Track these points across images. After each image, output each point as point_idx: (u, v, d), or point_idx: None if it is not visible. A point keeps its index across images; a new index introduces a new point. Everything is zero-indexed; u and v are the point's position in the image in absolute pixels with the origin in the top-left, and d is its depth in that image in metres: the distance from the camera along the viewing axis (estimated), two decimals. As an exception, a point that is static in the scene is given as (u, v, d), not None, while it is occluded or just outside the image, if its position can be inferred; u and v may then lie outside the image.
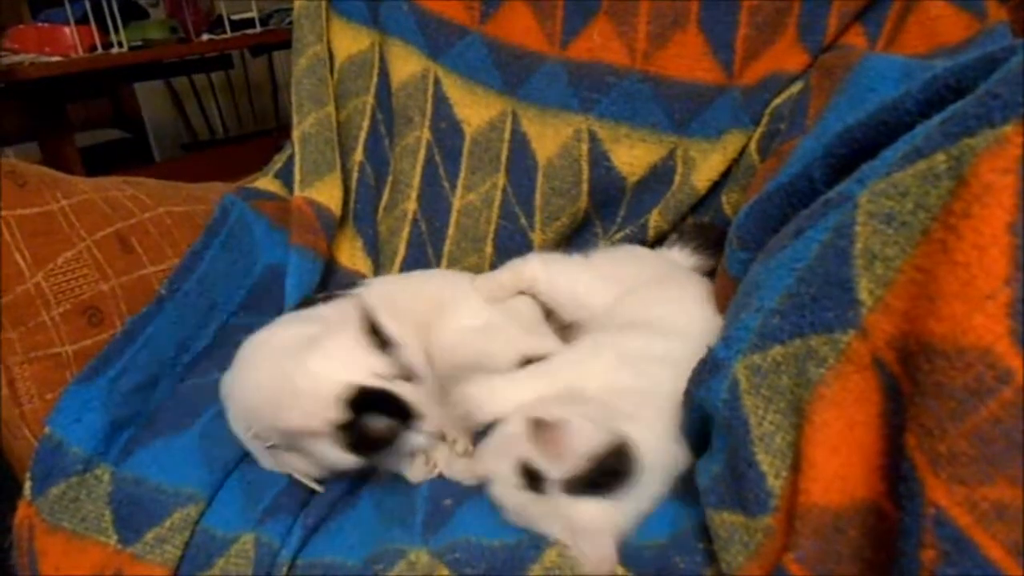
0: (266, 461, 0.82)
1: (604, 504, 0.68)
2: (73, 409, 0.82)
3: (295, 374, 0.74)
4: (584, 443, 0.68)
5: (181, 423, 0.87)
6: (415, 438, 0.75)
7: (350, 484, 0.82)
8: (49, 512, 0.77)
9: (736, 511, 0.61)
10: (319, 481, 0.79)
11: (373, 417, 0.71)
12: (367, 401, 0.72)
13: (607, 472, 0.68)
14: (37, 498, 0.78)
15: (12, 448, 0.84)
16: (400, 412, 0.73)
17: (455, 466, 0.82)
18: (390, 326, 0.90)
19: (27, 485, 0.78)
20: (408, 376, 0.76)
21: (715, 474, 0.65)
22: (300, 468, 0.79)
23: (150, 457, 0.83)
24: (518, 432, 0.71)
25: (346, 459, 0.73)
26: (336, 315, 0.90)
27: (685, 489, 0.72)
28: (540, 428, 0.68)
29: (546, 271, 1.06)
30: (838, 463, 0.54)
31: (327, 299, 0.97)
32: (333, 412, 0.70)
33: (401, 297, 1.01)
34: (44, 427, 0.80)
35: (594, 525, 0.67)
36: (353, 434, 0.71)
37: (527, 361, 0.88)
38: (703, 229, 1.14)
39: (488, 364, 0.88)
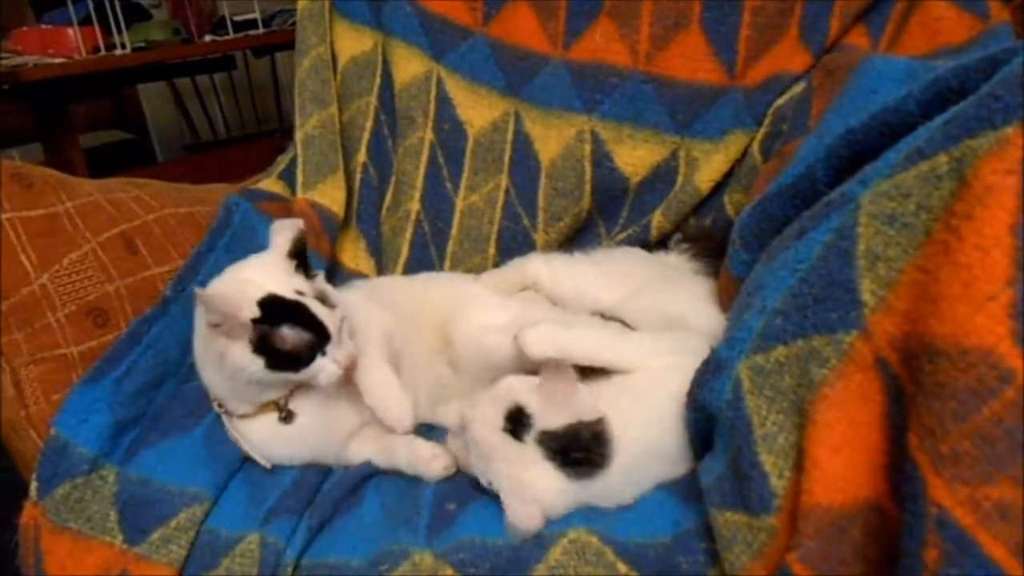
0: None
1: (560, 477, 0.72)
2: (78, 410, 0.82)
3: (229, 278, 0.81)
4: (581, 408, 0.74)
5: (186, 423, 0.87)
6: (326, 364, 0.78)
7: (354, 485, 0.83)
8: (55, 512, 0.78)
9: (739, 511, 0.61)
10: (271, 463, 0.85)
11: (285, 327, 0.76)
12: (281, 310, 0.77)
13: (582, 446, 0.72)
14: (43, 498, 0.78)
15: (18, 449, 0.84)
16: (311, 328, 0.77)
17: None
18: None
19: (33, 486, 0.78)
20: (325, 301, 0.80)
21: (718, 474, 0.65)
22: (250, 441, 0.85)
23: (155, 457, 0.83)
24: (524, 383, 0.76)
25: (254, 363, 0.76)
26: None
27: (688, 488, 0.73)
28: (555, 373, 0.73)
29: (549, 268, 1.08)
30: (841, 463, 0.54)
31: None
32: (249, 310, 0.75)
33: (412, 299, 1.02)
34: (50, 428, 0.81)
35: (538, 490, 0.71)
36: (261, 336, 0.76)
37: None
38: (701, 235, 1.14)
39: (519, 360, 0.87)
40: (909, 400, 0.50)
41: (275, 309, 0.76)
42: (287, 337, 0.76)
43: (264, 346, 0.76)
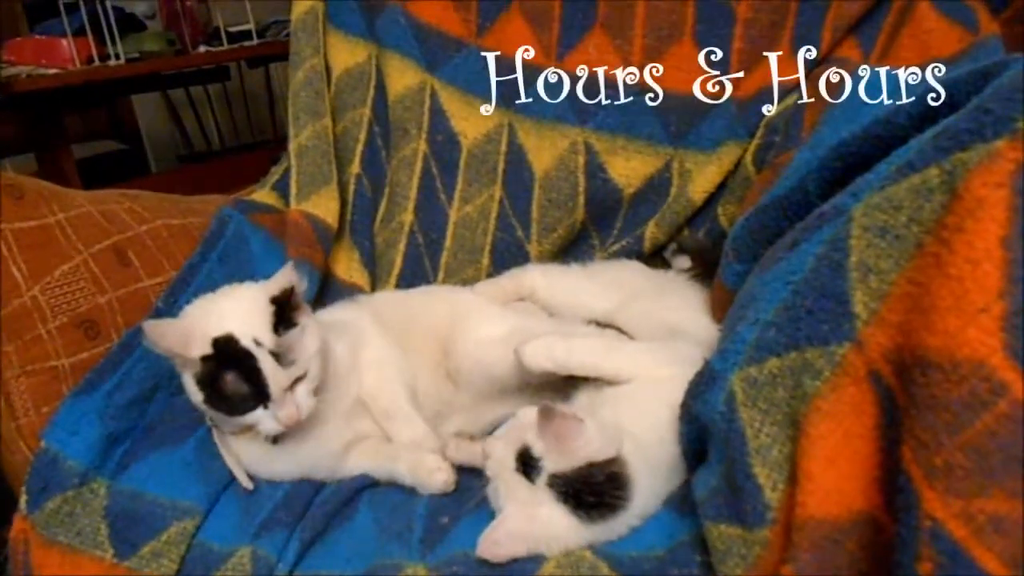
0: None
1: (574, 521, 0.69)
2: (69, 422, 0.82)
3: (208, 301, 0.80)
4: (588, 448, 0.69)
5: (177, 436, 0.87)
6: (265, 418, 0.77)
7: (347, 498, 0.82)
8: (45, 526, 0.77)
9: (733, 523, 0.61)
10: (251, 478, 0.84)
11: (231, 373, 0.74)
12: (229, 356, 0.74)
13: (596, 490, 0.69)
14: (33, 512, 0.77)
15: (8, 462, 0.84)
16: (252, 384, 0.75)
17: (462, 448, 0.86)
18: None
19: (23, 499, 0.78)
20: (284, 358, 0.77)
21: (712, 486, 0.65)
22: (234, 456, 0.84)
23: (146, 470, 0.82)
24: (532, 419, 0.73)
25: (196, 395, 0.76)
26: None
27: (682, 501, 0.73)
28: (550, 417, 0.69)
29: (546, 278, 1.08)
30: (835, 475, 0.54)
31: None
32: (201, 347, 0.74)
33: (411, 313, 1.01)
34: (40, 441, 0.80)
35: (549, 532, 0.68)
36: (206, 372, 0.75)
37: None
38: (699, 251, 1.14)
39: (520, 372, 0.87)
40: (902, 412, 0.50)
41: (225, 353, 0.74)
42: (228, 383, 0.75)
43: (207, 383, 0.75)
